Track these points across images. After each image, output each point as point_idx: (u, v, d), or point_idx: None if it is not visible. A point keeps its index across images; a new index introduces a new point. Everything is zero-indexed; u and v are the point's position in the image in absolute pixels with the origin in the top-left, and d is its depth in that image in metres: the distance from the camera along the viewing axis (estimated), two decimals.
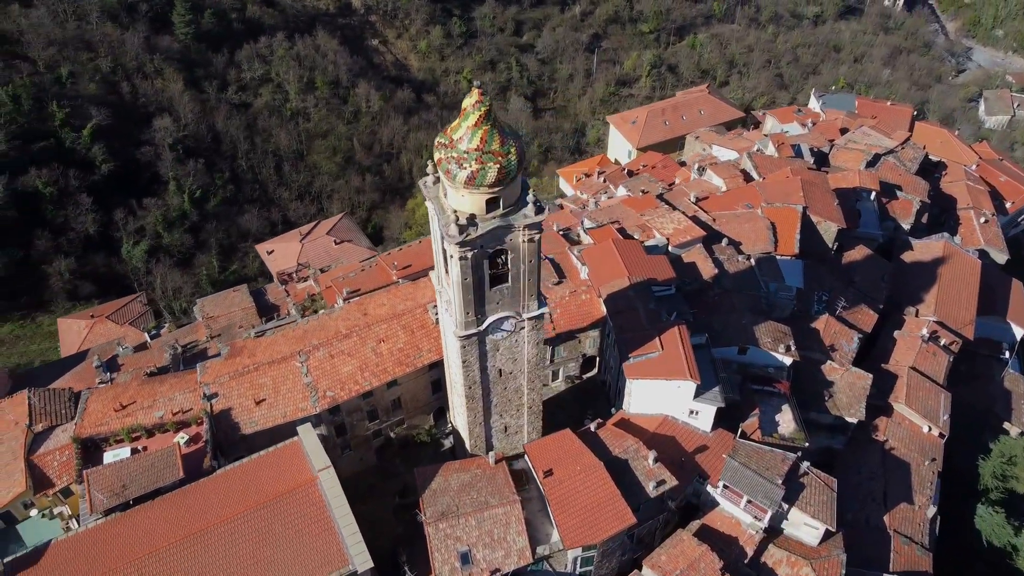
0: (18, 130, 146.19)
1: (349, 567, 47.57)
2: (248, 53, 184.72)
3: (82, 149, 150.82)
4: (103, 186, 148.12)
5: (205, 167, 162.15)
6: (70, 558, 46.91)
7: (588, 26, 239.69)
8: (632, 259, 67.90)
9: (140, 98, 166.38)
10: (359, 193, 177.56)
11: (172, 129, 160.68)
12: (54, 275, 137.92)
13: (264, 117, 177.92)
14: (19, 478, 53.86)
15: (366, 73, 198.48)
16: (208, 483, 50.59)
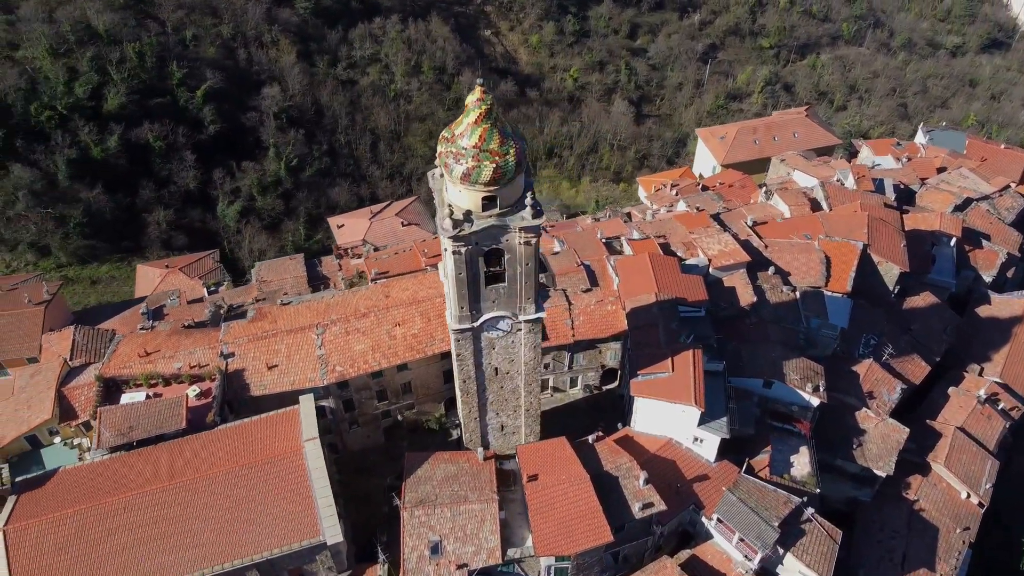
0: (139, 85, 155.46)
1: (319, 538, 48.92)
2: (361, 32, 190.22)
3: (194, 109, 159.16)
4: (207, 145, 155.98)
5: (305, 138, 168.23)
6: (70, 486, 50.23)
7: (705, 36, 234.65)
8: (665, 275, 66.54)
9: (254, 66, 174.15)
10: None
11: (279, 98, 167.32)
12: (153, 224, 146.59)
13: (368, 95, 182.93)
14: (48, 406, 57.97)
15: (473, 62, 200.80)
16: (207, 436, 53.07)
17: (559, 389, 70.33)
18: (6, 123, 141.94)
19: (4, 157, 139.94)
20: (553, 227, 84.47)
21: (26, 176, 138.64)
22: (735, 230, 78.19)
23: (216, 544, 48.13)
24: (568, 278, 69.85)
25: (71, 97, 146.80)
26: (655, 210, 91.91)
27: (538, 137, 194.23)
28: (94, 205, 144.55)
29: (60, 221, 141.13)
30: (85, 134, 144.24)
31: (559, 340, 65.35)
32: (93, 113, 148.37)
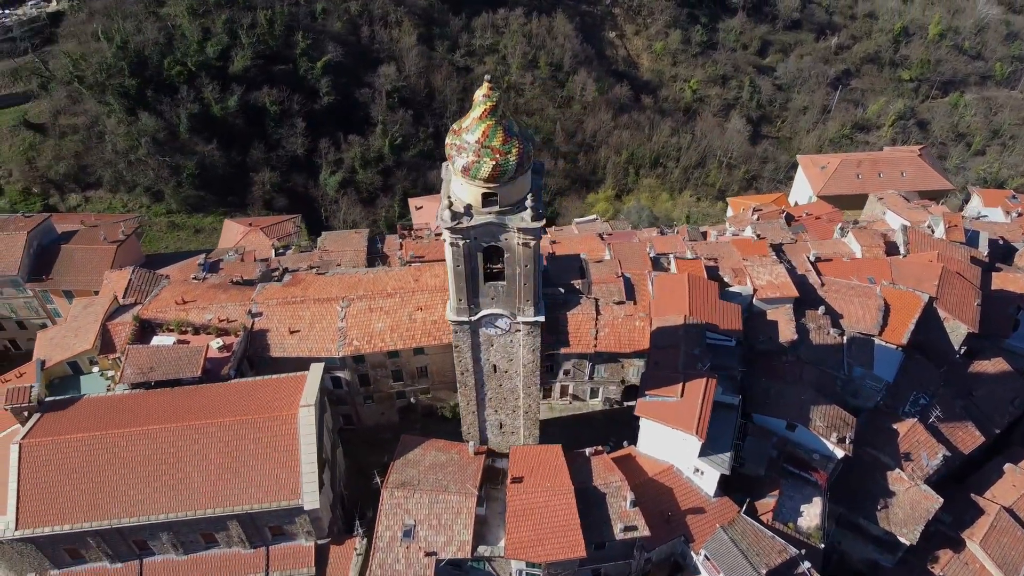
0: (264, 51, 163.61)
1: (298, 502, 50.51)
2: (484, 22, 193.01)
3: (312, 79, 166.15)
4: (318, 115, 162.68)
5: (412, 118, 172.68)
6: (89, 413, 53.75)
7: (840, 60, 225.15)
8: (700, 299, 64.62)
9: (375, 44, 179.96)
10: (548, 175, 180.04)
11: (393, 77, 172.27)
12: (258, 184, 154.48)
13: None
14: (90, 337, 62.25)
15: (590, 62, 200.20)
16: (217, 387, 55.68)
17: (578, 398, 69.63)
18: (141, 74, 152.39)
19: (135, 105, 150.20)
20: (611, 236, 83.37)
21: (151, 125, 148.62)
22: (794, 263, 74.90)
23: (202, 489, 50.50)
24: (605, 287, 68.91)
25: (201, 55, 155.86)
26: (728, 232, 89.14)
27: (645, 144, 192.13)
28: (207, 159, 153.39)
29: (175, 170, 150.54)
30: (209, 92, 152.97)
31: (580, 348, 64.68)
32: (219, 72, 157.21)
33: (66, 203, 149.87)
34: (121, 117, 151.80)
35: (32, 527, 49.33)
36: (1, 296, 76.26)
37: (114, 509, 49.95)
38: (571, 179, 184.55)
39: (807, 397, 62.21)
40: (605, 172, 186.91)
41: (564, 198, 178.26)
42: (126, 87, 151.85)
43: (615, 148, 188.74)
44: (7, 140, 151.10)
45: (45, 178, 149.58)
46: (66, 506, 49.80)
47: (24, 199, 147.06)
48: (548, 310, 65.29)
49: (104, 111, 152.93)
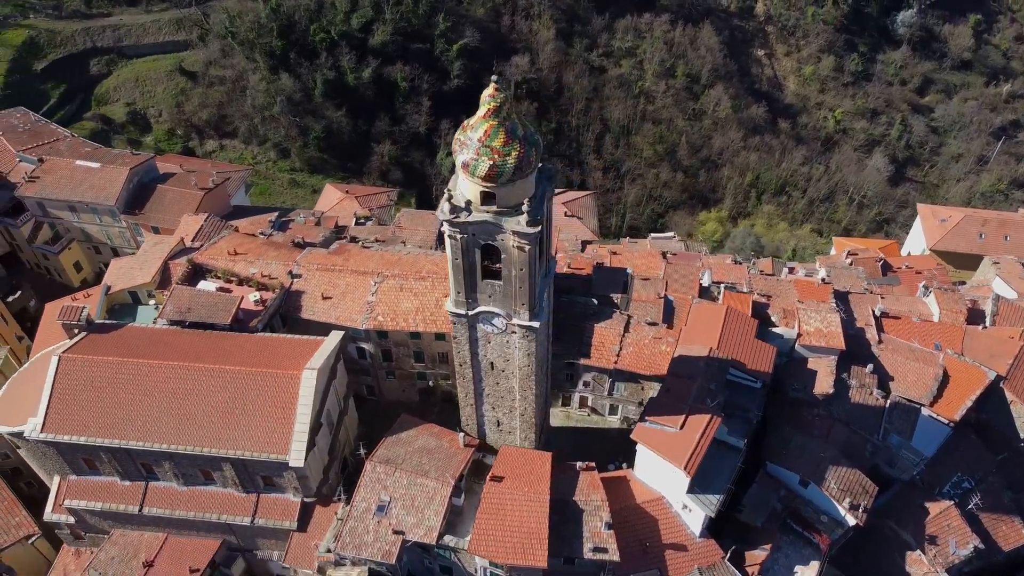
0: (405, 28, 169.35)
1: (285, 458, 53.01)
2: (627, 24, 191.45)
3: (445, 61, 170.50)
4: (445, 96, 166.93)
5: (536, 111, 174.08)
6: (127, 340, 58.48)
7: (1010, 109, 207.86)
8: (733, 333, 62.31)
9: (513, 33, 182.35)
10: (665, 187, 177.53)
11: (524, 69, 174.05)
12: (378, 155, 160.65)
13: (611, 86, 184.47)
14: (150, 272, 67.45)
15: (730, 78, 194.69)
16: (242, 337, 59.12)
17: (597, 412, 68.83)
18: (288, 36, 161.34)
19: (278, 65, 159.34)
20: (675, 256, 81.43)
21: (289, 85, 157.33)
22: (856, 314, 70.72)
23: (203, 428, 53.91)
24: (644, 306, 67.65)
25: (345, 26, 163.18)
26: (800, 271, 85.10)
27: (773, 170, 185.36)
28: (335, 124, 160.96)
29: (303, 131, 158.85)
30: (346, 61, 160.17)
31: (600, 362, 63.91)
32: (359, 43, 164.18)
33: (203, 148, 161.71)
34: (264, 75, 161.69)
35: (54, 433, 54.26)
36: (99, 223, 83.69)
37: (125, 431, 54.15)
38: (688, 194, 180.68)
39: (828, 456, 58.89)
40: (725, 192, 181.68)
41: (675, 212, 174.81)
42: (273, 47, 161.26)
43: (740, 169, 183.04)
44: (163, 83, 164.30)
45: (189, 122, 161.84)
46: (86, 420, 54.45)
47: (168, 138, 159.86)
48: (576, 319, 65.41)
49: (250, 67, 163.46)
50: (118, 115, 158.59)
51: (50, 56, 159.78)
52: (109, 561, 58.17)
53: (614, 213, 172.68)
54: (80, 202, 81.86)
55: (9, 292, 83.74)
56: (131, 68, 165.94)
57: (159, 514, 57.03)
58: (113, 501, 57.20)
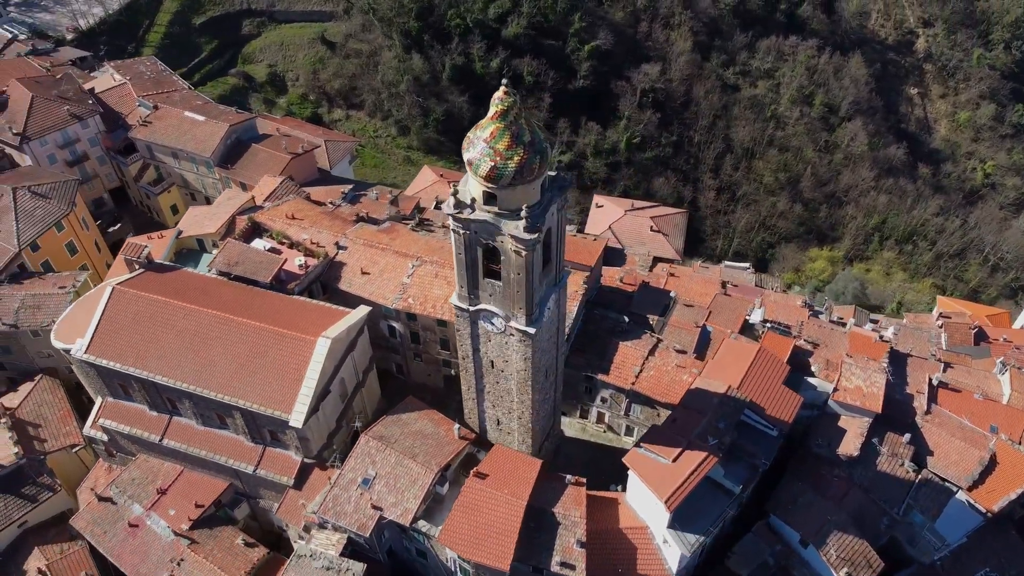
0: (540, 23, 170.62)
1: (286, 417, 55.59)
2: (770, 45, 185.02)
3: (574, 60, 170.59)
4: (566, 95, 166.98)
5: (659, 122, 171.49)
6: (176, 282, 62.89)
7: None
8: (760, 376, 59.88)
9: (648, 40, 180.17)
10: (780, 217, 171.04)
11: (654, 77, 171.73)
12: None
13: (742, 106, 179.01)
14: (217, 224, 72.00)
15: (872, 114, 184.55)
16: (276, 297, 62.31)
17: (612, 430, 67.93)
18: (425, 19, 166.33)
19: (411, 45, 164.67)
20: (734, 287, 78.69)
21: (418, 66, 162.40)
22: (910, 379, 66.20)
23: (221, 375, 57.28)
24: (679, 332, 66.09)
25: (482, 14, 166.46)
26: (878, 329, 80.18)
27: (902, 215, 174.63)
28: (456, 109, 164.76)
29: (424, 111, 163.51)
30: (476, 49, 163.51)
31: (618, 381, 63.05)
32: (491, 33, 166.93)
33: (330, 115, 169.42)
34: (397, 53, 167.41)
35: (95, 356, 59.17)
36: (196, 172, 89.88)
37: (154, 365, 58.34)
38: (805, 228, 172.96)
39: (836, 519, 55.92)
40: (844, 231, 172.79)
41: (786, 245, 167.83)
42: (409, 27, 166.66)
43: (865, 210, 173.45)
44: (304, 50, 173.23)
45: (322, 89, 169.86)
46: (123, 349, 59.05)
47: (300, 102, 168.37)
48: (602, 334, 64.81)
49: (385, 44, 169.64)
50: (259, 75, 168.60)
51: (208, 13, 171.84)
52: (130, 481, 63.02)
53: (722, 236, 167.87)
54: (182, 150, 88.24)
55: (112, 223, 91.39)
56: (278, 32, 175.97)
57: (176, 447, 61.08)
58: (139, 427, 61.75)
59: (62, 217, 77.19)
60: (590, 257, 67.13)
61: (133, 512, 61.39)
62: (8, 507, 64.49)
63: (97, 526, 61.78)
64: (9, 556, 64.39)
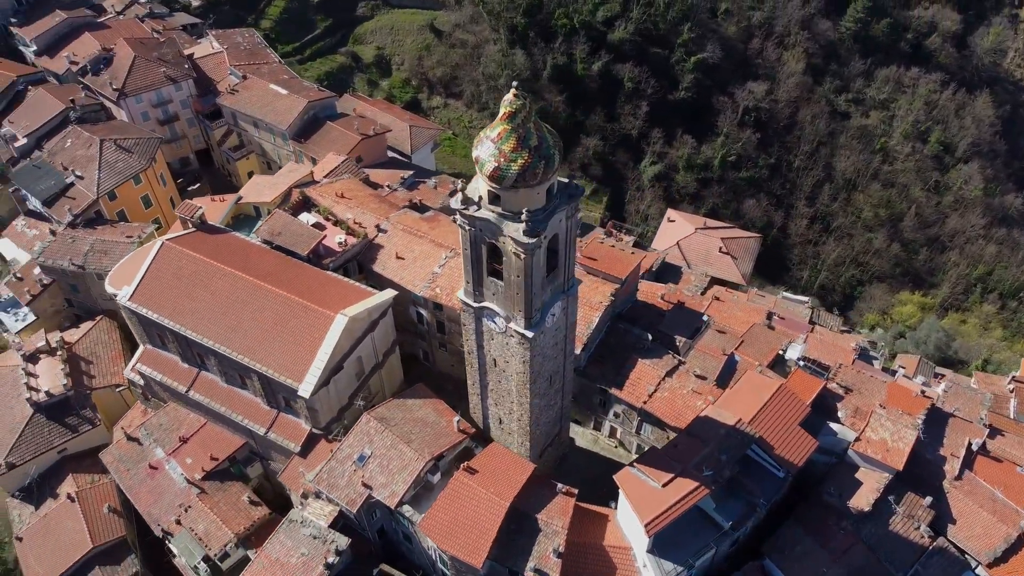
0: (647, 30, 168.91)
1: (296, 385, 57.56)
2: (889, 75, 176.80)
3: (678, 71, 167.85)
4: (666, 105, 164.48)
5: (758, 142, 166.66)
6: (222, 245, 65.95)
7: None
8: (775, 414, 57.66)
9: (758, 58, 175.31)
10: (874, 254, 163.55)
11: (758, 96, 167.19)
12: (583, 147, 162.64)
13: (849, 135, 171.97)
14: (276, 193, 74.93)
15: (993, 157, 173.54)
16: (310, 270, 64.43)
17: (624, 446, 66.99)
18: (532, 15, 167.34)
19: (516, 40, 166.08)
20: (781, 320, 75.91)
21: (520, 62, 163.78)
22: (948, 440, 62.38)
23: (245, 338, 59.85)
24: (703, 357, 64.51)
25: (589, 16, 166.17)
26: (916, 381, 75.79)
27: (1011, 269, 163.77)
28: (551, 108, 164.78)
29: None
30: (579, 50, 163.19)
31: (630, 397, 62.13)
32: (596, 36, 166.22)
33: (429, 102, 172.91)
34: (501, 47, 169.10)
35: (136, 304, 62.89)
36: (273, 143, 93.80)
37: (187, 320, 61.53)
38: (901, 269, 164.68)
39: (831, 573, 53.51)
40: (943, 278, 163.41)
41: (877, 284, 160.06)
42: (515, 23, 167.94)
43: (971, 258, 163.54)
44: (412, 36, 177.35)
45: (424, 76, 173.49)
46: (162, 301, 62.53)
47: (402, 86, 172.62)
48: (622, 348, 64.08)
49: (491, 37, 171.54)
50: (367, 56, 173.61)
51: None
52: (157, 426, 66.74)
53: (809, 267, 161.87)
54: (262, 120, 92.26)
55: (192, 182, 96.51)
56: (390, 16, 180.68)
57: (200, 400, 64.21)
58: (170, 376, 65.24)
59: (140, 171, 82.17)
60: (623, 269, 66.23)
61: (155, 455, 64.94)
62: (51, 434, 69.43)
63: (122, 463, 65.73)
64: (47, 478, 69.35)
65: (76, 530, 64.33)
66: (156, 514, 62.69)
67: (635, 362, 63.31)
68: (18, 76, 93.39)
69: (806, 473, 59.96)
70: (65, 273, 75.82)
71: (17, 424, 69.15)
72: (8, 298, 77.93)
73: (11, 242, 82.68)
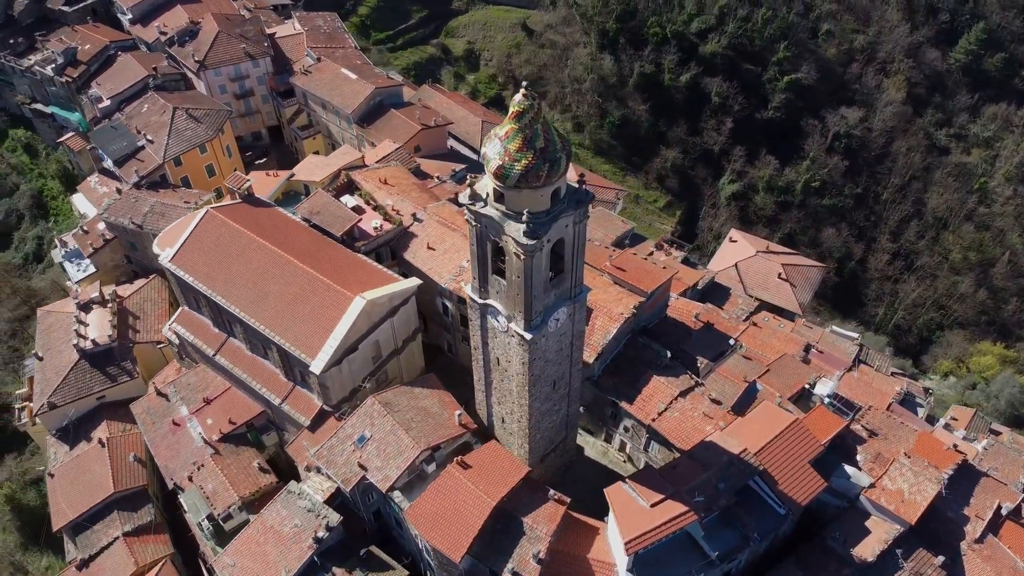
0: (741, 45, 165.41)
1: (310, 361, 58.95)
2: (998, 112, 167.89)
3: (767, 89, 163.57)
4: (751, 123, 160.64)
5: (846, 170, 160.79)
6: (263, 218, 68.22)
7: None
8: (785, 449, 55.45)
9: (856, 83, 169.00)
10: (959, 300, 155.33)
11: (851, 123, 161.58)
12: (661, 158, 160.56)
13: (945, 171, 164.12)
14: (325, 174, 77.01)
15: None
16: (341, 250, 65.97)
17: (632, 461, 65.80)
18: (624, 22, 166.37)
19: (605, 45, 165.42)
20: (820, 354, 73.00)
21: (607, 67, 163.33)
22: (973, 501, 58.73)
23: (269, 310, 61.68)
24: (723, 381, 62.79)
25: (683, 27, 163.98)
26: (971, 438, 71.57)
27: None
28: (634, 116, 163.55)
29: (602, 113, 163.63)
30: (668, 60, 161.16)
31: (639, 413, 60.93)
32: (687, 47, 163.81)
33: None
34: (591, 51, 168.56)
35: (175, 266, 65.67)
36: (338, 126, 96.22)
37: (218, 287, 63.83)
38: (986, 317, 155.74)
39: None
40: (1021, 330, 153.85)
41: (957, 331, 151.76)
42: (607, 27, 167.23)
43: None
44: (504, 33, 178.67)
45: (511, 74, 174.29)
46: (198, 266, 65.12)
47: (488, 82, 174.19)
48: (639, 362, 63.09)
49: (582, 40, 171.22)
50: (457, 49, 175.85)
51: None
52: (186, 385, 69.56)
53: (885, 305, 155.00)
54: (329, 102, 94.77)
55: (260, 156, 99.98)
56: (484, 12, 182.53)
57: (225, 365, 66.57)
58: (201, 339, 67.85)
59: (206, 141, 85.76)
60: (650, 283, 65.00)
61: (179, 412, 67.69)
62: (92, 380, 73.37)
63: (148, 416, 68.85)
64: (84, 422, 73.38)
65: (101, 474, 67.72)
66: (172, 468, 65.31)
67: (650, 378, 62.13)
68: (111, 42, 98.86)
69: (813, 514, 57.76)
70: (126, 231, 79.88)
71: (63, 367, 73.33)
72: (73, 249, 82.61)
73: (84, 197, 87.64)
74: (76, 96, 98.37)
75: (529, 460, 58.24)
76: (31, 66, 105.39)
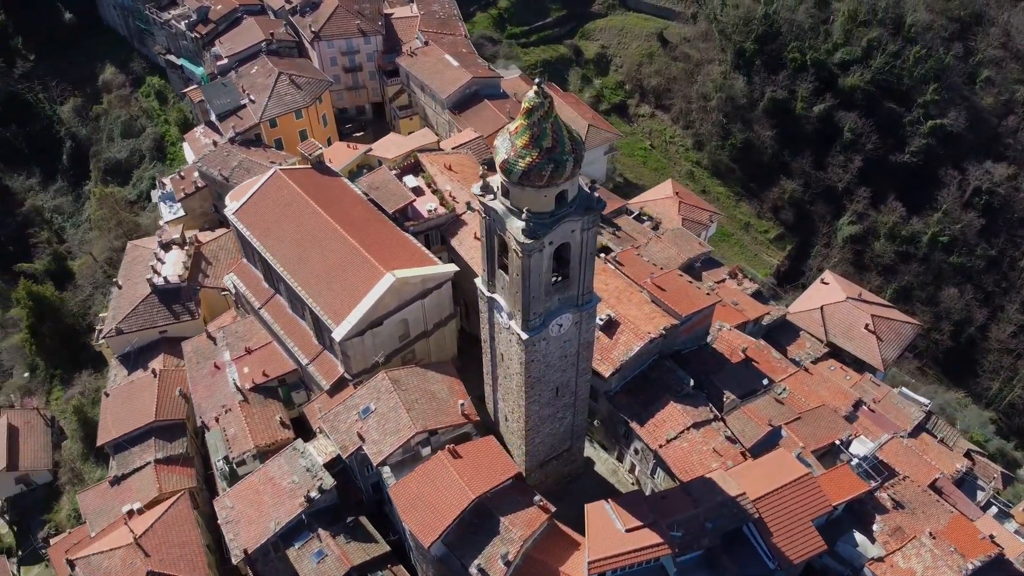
0: (887, 82, 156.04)
1: (334, 326, 60.65)
2: None
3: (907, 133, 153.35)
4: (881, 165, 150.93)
5: (982, 228, 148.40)
6: (325, 184, 70.81)
7: None
8: (789, 504, 52.19)
9: (1008, 137, 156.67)
10: None
11: (996, 180, 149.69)
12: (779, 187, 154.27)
13: None
14: (398, 152, 79.09)
15: None
16: (390, 226, 67.57)
17: (639, 485, 63.66)
18: (764, 44, 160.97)
19: (740, 65, 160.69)
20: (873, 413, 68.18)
21: (739, 88, 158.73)
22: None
23: (309, 273, 63.93)
24: (746, 421, 59.82)
25: (826, 55, 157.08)
26: None
27: None
28: (757, 141, 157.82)
29: (725, 134, 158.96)
30: (802, 88, 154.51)
31: (647, 438, 58.94)
32: (827, 76, 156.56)
33: (637, 109, 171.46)
34: (724, 69, 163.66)
35: (237, 220, 69.15)
36: (433, 109, 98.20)
37: (270, 244, 66.74)
38: None
39: None
40: None
41: None
42: (745, 49, 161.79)
43: None
44: (639, 41, 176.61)
45: (639, 82, 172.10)
46: (256, 223, 68.28)
47: (614, 88, 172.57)
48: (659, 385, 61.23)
49: (716, 57, 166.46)
50: (589, 52, 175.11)
51: None
52: (234, 332, 73.13)
53: (1001, 379, 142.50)
54: (428, 86, 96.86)
55: (358, 129, 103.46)
56: (623, 18, 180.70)
57: (267, 320, 69.56)
58: (250, 291, 71.13)
59: (302, 107, 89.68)
60: (687, 307, 62.62)
61: (222, 356, 71.25)
62: (159, 314, 78.59)
63: (195, 355, 72.99)
64: (145, 351, 78.82)
65: (147, 401, 72.31)
66: (204, 408, 68.96)
67: (666, 403, 60.01)
68: (241, 4, 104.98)
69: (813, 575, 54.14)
70: (215, 181, 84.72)
71: (136, 298, 78.88)
72: (169, 191, 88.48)
73: (189, 146, 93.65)
74: (202, 52, 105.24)
75: (526, 462, 57.68)
76: (169, 20, 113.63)
